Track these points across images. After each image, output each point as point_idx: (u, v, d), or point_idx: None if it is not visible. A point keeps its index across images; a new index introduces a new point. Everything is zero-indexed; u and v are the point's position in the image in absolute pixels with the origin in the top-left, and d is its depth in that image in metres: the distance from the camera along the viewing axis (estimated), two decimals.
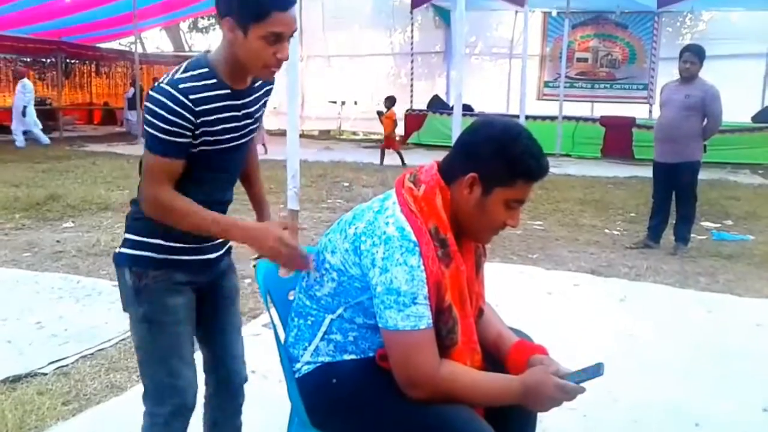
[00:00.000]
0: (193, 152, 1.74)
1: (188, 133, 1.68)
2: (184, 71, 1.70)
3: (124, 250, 1.87)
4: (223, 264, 2.03)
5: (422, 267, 1.61)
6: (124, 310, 1.90)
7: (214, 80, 1.71)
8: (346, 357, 1.74)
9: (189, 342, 1.92)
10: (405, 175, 1.78)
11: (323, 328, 1.75)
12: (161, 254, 1.83)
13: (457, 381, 1.65)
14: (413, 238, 1.62)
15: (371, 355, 1.73)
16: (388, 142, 12.29)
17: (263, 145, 14.88)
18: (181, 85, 1.66)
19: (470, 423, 1.63)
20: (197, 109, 1.67)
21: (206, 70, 1.71)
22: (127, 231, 1.88)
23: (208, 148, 1.76)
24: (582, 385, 1.65)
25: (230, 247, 2.07)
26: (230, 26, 1.65)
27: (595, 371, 1.65)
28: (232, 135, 1.79)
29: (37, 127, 14.54)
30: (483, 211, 1.70)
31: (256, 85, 1.86)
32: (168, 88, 1.65)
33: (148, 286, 1.83)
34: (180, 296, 1.87)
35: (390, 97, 12.62)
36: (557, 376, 1.65)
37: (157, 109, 1.64)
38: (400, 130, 13.62)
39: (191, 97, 1.66)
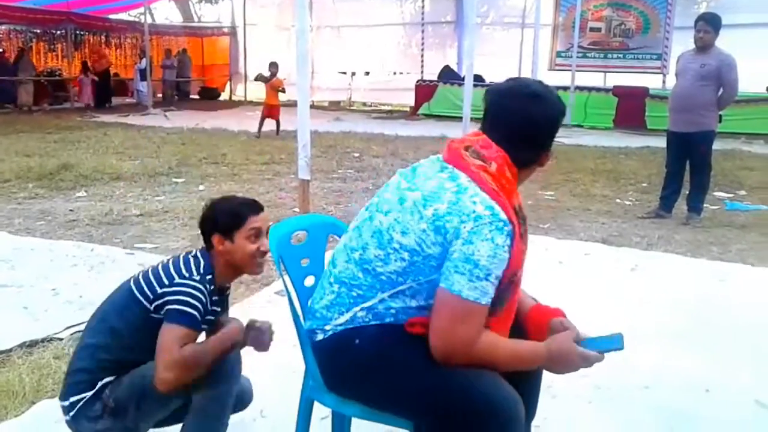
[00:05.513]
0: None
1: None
2: (204, 273, 2.04)
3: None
4: None
5: (507, 248, 1.62)
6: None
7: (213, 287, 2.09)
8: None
9: None
10: (459, 149, 1.74)
11: (369, 303, 1.73)
12: None
13: (491, 351, 1.65)
14: (504, 217, 1.62)
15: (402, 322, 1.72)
16: (270, 111, 11.67)
17: None
18: (206, 286, 2.03)
19: (495, 387, 1.64)
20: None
21: (210, 277, 2.06)
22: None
23: None
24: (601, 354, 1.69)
25: None
26: (219, 240, 2.05)
27: (616, 342, 1.68)
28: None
29: None
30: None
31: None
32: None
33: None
34: None
35: (273, 63, 11.97)
36: (577, 340, 1.70)
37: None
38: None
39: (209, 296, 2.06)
